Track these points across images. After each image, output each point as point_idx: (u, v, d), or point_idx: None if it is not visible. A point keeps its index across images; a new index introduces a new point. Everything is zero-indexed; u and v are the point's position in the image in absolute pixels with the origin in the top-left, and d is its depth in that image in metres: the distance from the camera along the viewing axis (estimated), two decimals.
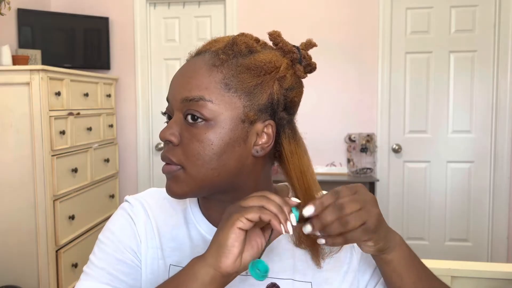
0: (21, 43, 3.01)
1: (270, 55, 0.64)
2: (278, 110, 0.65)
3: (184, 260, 0.69)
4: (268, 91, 0.63)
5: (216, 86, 0.62)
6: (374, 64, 3.20)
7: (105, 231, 0.71)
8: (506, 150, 3.07)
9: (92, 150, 2.92)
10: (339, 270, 0.71)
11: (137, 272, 0.70)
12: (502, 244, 3.12)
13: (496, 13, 3.06)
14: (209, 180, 0.63)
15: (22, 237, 2.44)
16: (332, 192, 0.58)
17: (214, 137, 0.61)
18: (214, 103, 0.61)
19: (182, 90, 0.63)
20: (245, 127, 0.63)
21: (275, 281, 0.68)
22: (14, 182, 2.43)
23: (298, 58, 0.66)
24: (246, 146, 0.64)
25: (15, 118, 2.41)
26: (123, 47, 3.43)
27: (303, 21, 3.21)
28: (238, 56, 0.63)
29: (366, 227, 0.57)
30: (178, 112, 0.64)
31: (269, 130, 0.64)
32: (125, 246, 0.69)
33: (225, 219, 0.56)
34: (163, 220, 0.72)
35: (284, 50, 0.66)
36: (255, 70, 0.63)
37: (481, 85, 3.12)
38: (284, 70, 0.65)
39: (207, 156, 0.62)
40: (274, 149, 0.67)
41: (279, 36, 0.67)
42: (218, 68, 0.63)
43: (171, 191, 0.65)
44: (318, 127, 3.23)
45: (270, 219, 0.53)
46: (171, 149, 0.64)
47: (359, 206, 0.56)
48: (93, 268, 0.68)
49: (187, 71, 0.65)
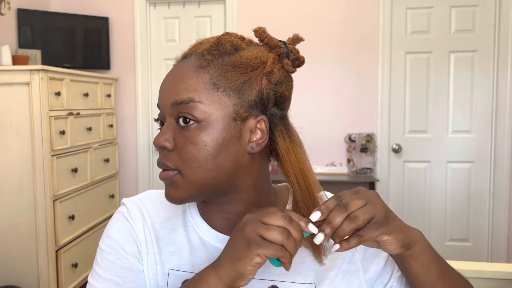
0: (21, 43, 3.01)
1: (256, 51, 0.64)
2: (269, 106, 0.65)
3: (183, 264, 0.69)
4: (256, 87, 0.63)
5: (204, 87, 0.62)
6: (374, 64, 3.20)
7: (105, 239, 0.71)
8: (506, 150, 3.07)
9: (92, 150, 2.92)
10: (340, 267, 0.70)
11: (143, 278, 0.69)
12: (502, 244, 3.12)
13: (496, 13, 3.06)
14: (207, 182, 0.63)
15: (22, 237, 2.44)
16: (334, 196, 0.59)
17: (208, 138, 0.61)
18: (204, 104, 0.61)
19: (171, 94, 0.63)
20: (237, 125, 0.63)
21: (275, 284, 0.68)
22: (14, 182, 2.43)
23: (285, 52, 0.65)
24: (240, 144, 0.63)
25: (15, 118, 2.41)
26: (123, 47, 3.43)
27: (303, 21, 3.21)
28: (224, 55, 0.63)
29: (376, 220, 0.57)
30: (170, 117, 0.64)
31: (262, 126, 0.64)
32: (128, 252, 0.69)
33: (241, 237, 0.55)
34: (160, 224, 0.72)
35: (270, 45, 0.66)
36: (241, 67, 0.62)
37: (481, 85, 3.12)
38: (271, 65, 0.64)
39: (202, 158, 0.61)
40: (269, 145, 0.67)
41: (264, 32, 0.67)
42: (204, 69, 0.63)
43: (170, 197, 0.64)
44: (318, 127, 3.23)
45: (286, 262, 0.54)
46: (166, 154, 0.64)
47: (364, 202, 0.57)
48: (99, 280, 0.68)
49: (174, 76, 0.65)
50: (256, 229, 0.54)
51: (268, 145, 0.67)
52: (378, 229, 0.57)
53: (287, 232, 0.54)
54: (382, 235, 0.58)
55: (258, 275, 0.68)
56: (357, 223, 0.55)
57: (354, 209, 0.56)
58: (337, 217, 0.56)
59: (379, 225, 0.57)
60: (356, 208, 0.56)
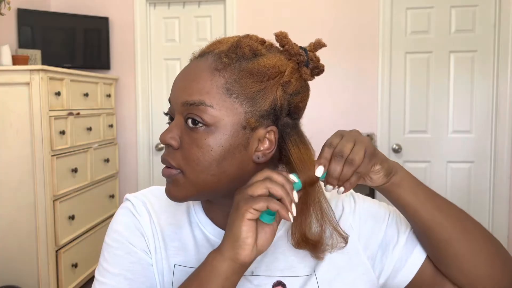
0: (21, 43, 3.01)
1: (275, 60, 0.62)
2: (282, 116, 0.63)
3: (189, 259, 0.69)
4: (271, 96, 0.62)
5: (217, 91, 0.61)
6: (374, 64, 3.20)
7: (111, 233, 0.70)
8: (506, 150, 3.07)
9: (92, 150, 2.92)
10: (343, 254, 0.70)
11: (152, 272, 0.68)
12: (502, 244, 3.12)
13: (496, 13, 3.06)
14: (208, 185, 0.62)
15: (22, 237, 2.44)
16: (326, 145, 0.61)
17: (214, 143, 0.60)
18: (214, 109, 0.60)
19: (183, 93, 0.62)
20: (246, 133, 0.61)
21: (280, 279, 0.68)
22: (14, 182, 2.43)
23: (305, 61, 0.64)
24: (247, 152, 0.62)
25: (15, 118, 2.41)
26: (123, 47, 3.43)
27: (302, 21, 3.21)
28: (242, 59, 0.62)
29: (368, 154, 0.60)
30: (179, 115, 0.63)
31: (271, 136, 0.63)
32: (136, 246, 0.68)
33: (234, 209, 0.57)
34: (165, 220, 0.71)
35: (290, 52, 0.64)
36: (258, 75, 0.61)
37: (481, 85, 3.12)
38: (289, 75, 0.63)
39: (206, 162, 0.61)
40: (279, 154, 0.66)
41: (286, 37, 0.65)
42: (220, 72, 0.61)
43: (170, 194, 0.64)
44: (318, 127, 3.23)
45: (278, 209, 0.55)
46: (171, 152, 0.63)
47: (353, 143, 0.60)
48: (108, 276, 0.67)
49: (189, 74, 0.64)
50: (243, 194, 0.57)
51: (276, 154, 0.65)
52: (371, 161, 0.61)
53: (269, 181, 0.56)
54: (374, 166, 0.62)
55: (262, 272, 0.68)
56: (355, 165, 0.59)
57: (348, 153, 0.59)
58: (337, 166, 0.59)
59: (371, 157, 0.61)
60: (349, 152, 0.59)
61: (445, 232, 0.65)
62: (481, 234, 0.67)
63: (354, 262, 0.70)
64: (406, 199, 0.65)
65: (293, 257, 0.69)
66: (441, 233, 0.65)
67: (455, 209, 0.68)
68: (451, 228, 0.65)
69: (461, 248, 0.65)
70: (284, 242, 0.70)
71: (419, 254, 0.70)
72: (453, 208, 0.68)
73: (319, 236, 0.67)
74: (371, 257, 0.71)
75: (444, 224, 0.65)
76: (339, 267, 0.69)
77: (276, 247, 0.69)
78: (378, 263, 0.71)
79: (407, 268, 0.70)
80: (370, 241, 0.72)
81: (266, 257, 0.69)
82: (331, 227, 0.69)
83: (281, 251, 0.70)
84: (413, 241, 0.71)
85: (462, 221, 0.67)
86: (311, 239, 0.66)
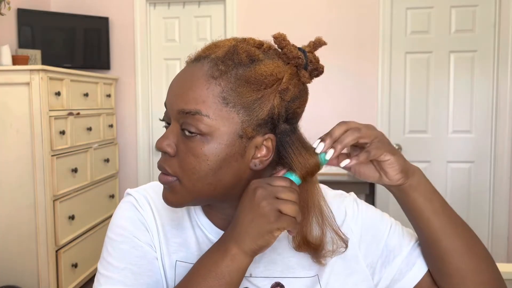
0: (21, 43, 3.01)
1: (272, 66, 0.61)
2: (279, 123, 0.62)
3: (191, 256, 0.69)
4: (268, 105, 0.60)
5: (214, 100, 0.59)
6: (374, 64, 3.20)
7: (114, 228, 0.69)
8: (506, 150, 3.07)
9: (92, 150, 2.92)
10: (344, 259, 0.70)
11: (157, 266, 0.68)
12: (502, 244, 3.12)
13: (496, 13, 3.06)
14: (205, 193, 0.62)
15: (22, 237, 2.44)
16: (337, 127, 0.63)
17: (210, 153, 0.59)
18: (211, 118, 0.59)
19: (179, 100, 0.61)
20: (242, 142, 0.60)
21: (279, 281, 0.68)
22: (14, 182, 2.43)
23: (304, 64, 0.62)
24: (243, 160, 0.61)
25: (15, 118, 2.41)
26: (123, 47, 3.43)
27: (302, 21, 3.21)
28: (238, 66, 0.60)
29: (380, 140, 0.62)
30: (175, 122, 0.62)
31: (269, 144, 0.62)
32: (141, 240, 0.68)
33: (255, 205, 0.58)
34: (167, 216, 0.71)
35: (289, 56, 0.62)
36: (255, 83, 0.60)
37: (481, 85, 3.12)
38: (287, 82, 0.61)
39: (202, 171, 0.60)
40: (278, 158, 0.64)
41: (284, 39, 0.63)
42: (216, 80, 0.60)
43: (167, 200, 0.64)
44: (318, 127, 3.22)
45: (295, 232, 0.59)
46: (167, 159, 0.62)
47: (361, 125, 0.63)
48: (113, 270, 0.65)
49: (185, 80, 0.62)
50: (274, 205, 0.57)
51: (275, 159, 0.64)
52: (384, 146, 0.61)
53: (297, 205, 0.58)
54: (385, 154, 0.62)
55: (261, 273, 0.68)
56: (360, 133, 0.61)
57: (354, 125, 0.62)
58: (336, 130, 0.61)
59: (383, 144, 0.62)
60: (357, 125, 0.62)
61: (452, 244, 0.65)
62: (483, 251, 0.68)
63: (354, 268, 0.71)
64: (421, 204, 0.65)
65: (291, 258, 0.69)
66: (448, 245, 0.65)
67: (463, 223, 0.68)
68: (458, 241, 0.66)
69: (464, 262, 0.66)
70: (283, 244, 0.70)
71: (419, 268, 0.71)
72: (461, 221, 0.68)
73: (320, 240, 0.67)
74: (370, 265, 0.72)
75: (452, 236, 0.65)
76: (339, 272, 0.70)
77: (276, 249, 0.69)
78: (377, 272, 0.72)
79: (405, 280, 0.71)
80: (371, 249, 0.72)
81: (264, 259, 0.69)
82: (332, 230, 0.69)
83: (280, 253, 0.70)
84: (416, 255, 0.71)
85: (468, 238, 0.67)
86: (312, 242, 0.66)
